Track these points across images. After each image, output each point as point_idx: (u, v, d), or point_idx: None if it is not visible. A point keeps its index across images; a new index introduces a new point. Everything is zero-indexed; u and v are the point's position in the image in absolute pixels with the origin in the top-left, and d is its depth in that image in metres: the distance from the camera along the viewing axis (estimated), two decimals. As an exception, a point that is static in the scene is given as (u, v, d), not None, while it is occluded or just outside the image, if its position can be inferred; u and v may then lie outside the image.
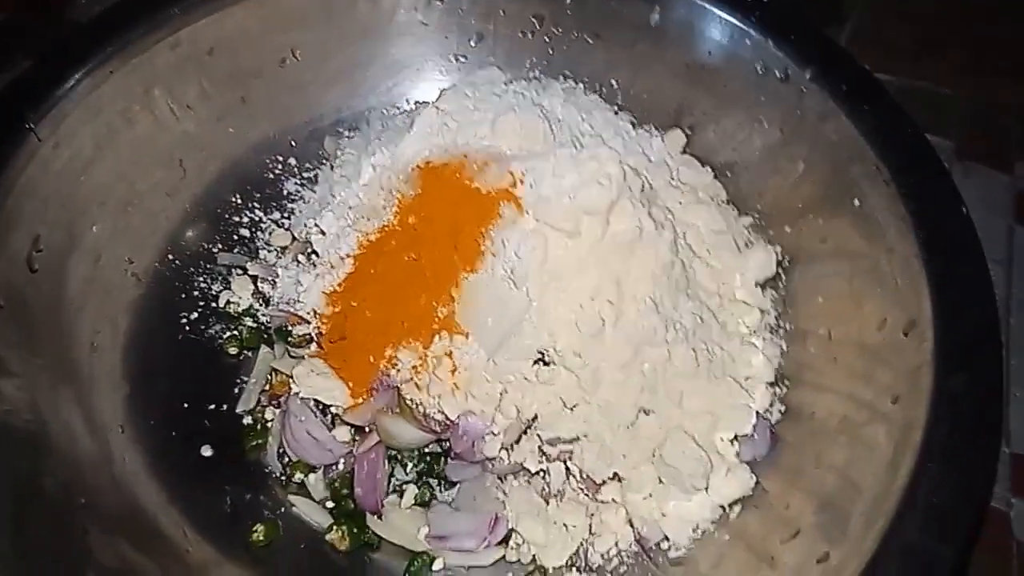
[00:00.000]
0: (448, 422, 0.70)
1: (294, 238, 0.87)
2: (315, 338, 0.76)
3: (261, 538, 0.70)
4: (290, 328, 0.77)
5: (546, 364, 0.68)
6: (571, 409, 0.69)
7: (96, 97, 0.76)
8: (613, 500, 0.70)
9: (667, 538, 0.68)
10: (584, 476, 0.71)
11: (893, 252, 0.66)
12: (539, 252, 0.66)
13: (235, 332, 0.82)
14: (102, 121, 0.77)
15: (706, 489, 0.68)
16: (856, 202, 0.71)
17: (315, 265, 0.79)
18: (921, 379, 0.58)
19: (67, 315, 0.73)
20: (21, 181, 0.70)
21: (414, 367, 0.71)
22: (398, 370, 0.72)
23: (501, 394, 0.70)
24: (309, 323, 0.76)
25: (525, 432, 0.71)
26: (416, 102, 0.94)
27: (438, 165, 0.73)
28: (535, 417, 0.70)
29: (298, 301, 0.77)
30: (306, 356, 0.76)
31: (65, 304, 0.73)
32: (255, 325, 0.83)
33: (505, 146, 0.72)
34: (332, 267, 0.77)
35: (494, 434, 0.70)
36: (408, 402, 0.72)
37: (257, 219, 0.89)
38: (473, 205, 0.70)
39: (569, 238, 0.66)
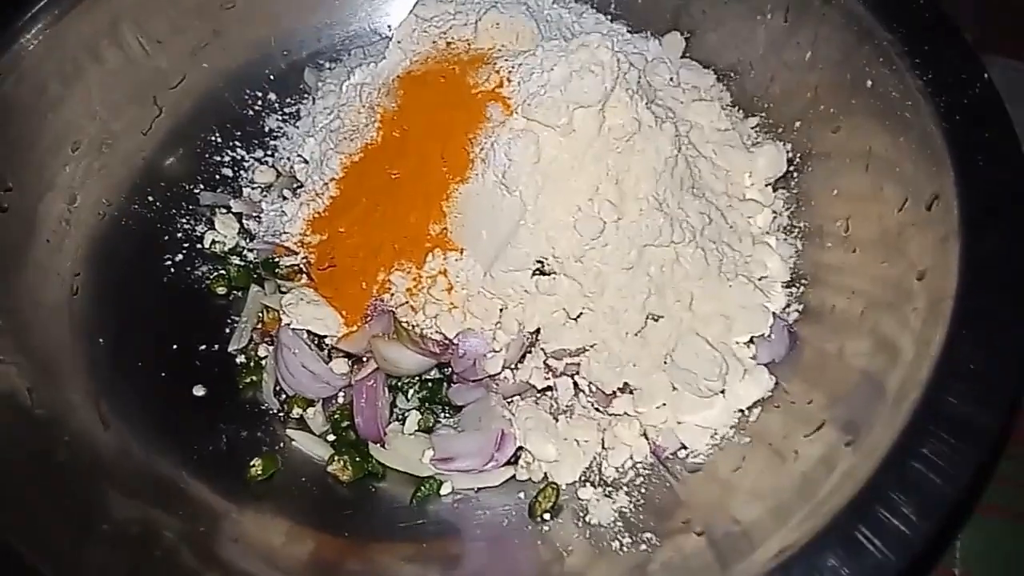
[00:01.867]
0: (447, 342, 0.67)
1: (279, 174, 0.84)
2: (304, 268, 0.73)
3: (260, 472, 0.67)
4: (277, 260, 0.74)
5: (546, 274, 0.65)
6: (575, 319, 0.65)
7: (59, 30, 0.73)
8: (625, 413, 0.67)
9: (684, 446, 0.65)
10: (594, 389, 0.67)
11: (911, 127, 0.61)
12: (531, 152, 0.62)
13: (222, 272, 0.78)
14: (67, 56, 0.74)
15: (723, 393, 0.64)
16: (868, 83, 0.66)
17: (300, 195, 0.75)
18: (948, 250, 0.54)
19: (42, 256, 0.70)
20: (-19, 116, 0.67)
21: (408, 289, 0.68)
22: (392, 294, 0.68)
23: (501, 309, 0.66)
24: (296, 253, 0.73)
25: (529, 349, 0.68)
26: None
27: (419, 73, 0.69)
28: (538, 330, 0.66)
29: (284, 232, 0.74)
30: (296, 287, 0.72)
31: (39, 245, 0.70)
32: (243, 264, 0.79)
33: (489, 46, 0.68)
34: (317, 194, 0.73)
35: (496, 351, 0.66)
36: (404, 326, 0.68)
37: (239, 157, 0.85)
38: (458, 110, 0.66)
39: (562, 135, 0.62)
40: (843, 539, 0.43)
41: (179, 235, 0.80)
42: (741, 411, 0.65)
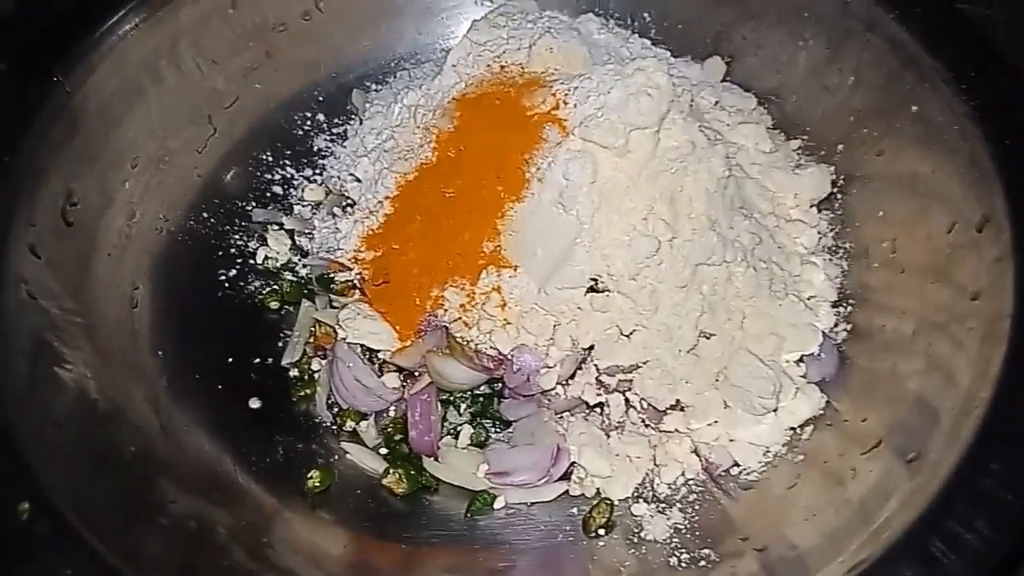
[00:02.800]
0: (501, 357, 0.68)
1: (328, 192, 0.86)
2: (358, 284, 0.75)
3: (317, 484, 0.68)
4: (331, 276, 0.75)
5: (599, 291, 0.66)
6: (628, 336, 0.66)
7: (122, 50, 0.75)
8: (677, 430, 0.68)
9: (736, 464, 0.66)
10: (645, 406, 0.68)
11: (957, 151, 0.63)
12: (588, 173, 0.63)
13: (275, 287, 0.80)
14: (129, 75, 0.76)
15: (775, 411, 0.65)
16: (913, 108, 0.68)
17: (353, 212, 0.77)
18: (1003, 271, 0.55)
19: (104, 270, 0.71)
20: (52, 133, 0.69)
21: (462, 305, 0.69)
22: (445, 309, 0.70)
23: (555, 326, 0.67)
24: (351, 269, 0.74)
25: (582, 365, 0.69)
26: (445, 50, 0.91)
27: (475, 95, 0.71)
28: (591, 347, 0.67)
29: (338, 248, 0.76)
30: (350, 302, 0.74)
31: (101, 258, 0.71)
32: (295, 279, 0.81)
33: (542, 70, 0.70)
34: (371, 212, 0.75)
35: (549, 366, 0.67)
36: (458, 341, 0.69)
37: (289, 176, 0.87)
38: (514, 131, 0.68)
39: (618, 156, 0.64)
40: (918, 553, 0.44)
41: (232, 251, 0.81)
42: (793, 429, 0.66)
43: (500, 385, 0.72)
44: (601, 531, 0.65)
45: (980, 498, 0.45)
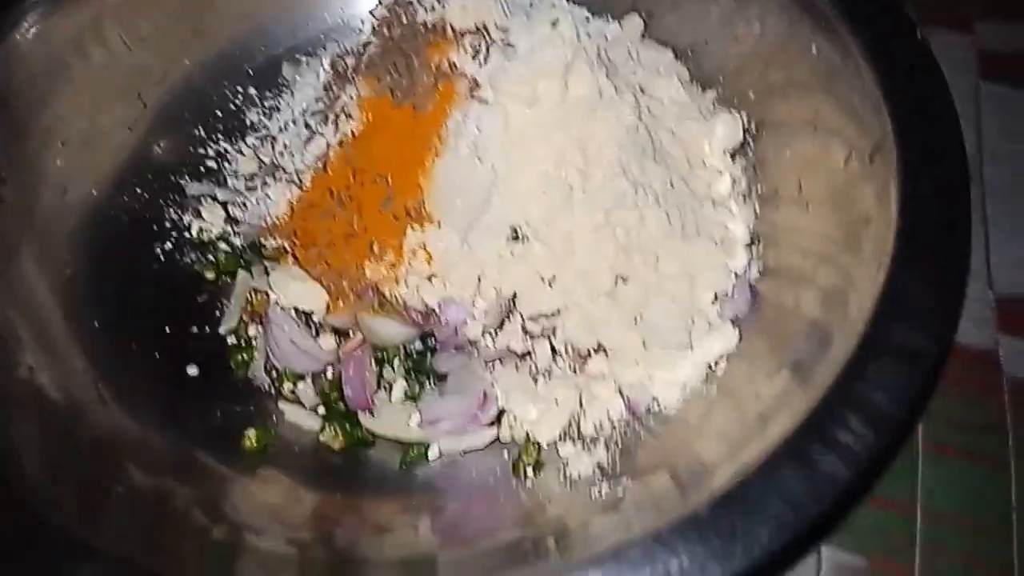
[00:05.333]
0: (429, 311, 0.70)
1: (261, 163, 0.87)
2: (289, 249, 0.76)
3: (253, 443, 0.70)
4: (263, 242, 0.77)
5: (519, 240, 0.68)
6: (549, 283, 0.69)
7: (45, 28, 0.76)
8: (601, 373, 0.70)
9: (656, 401, 0.68)
10: (570, 351, 0.71)
11: (853, 89, 0.66)
12: (499, 123, 0.66)
13: (211, 258, 0.81)
14: (54, 53, 0.77)
15: (691, 348, 0.68)
16: (814, 50, 0.70)
17: (282, 179, 0.78)
18: (889, 194, 0.58)
19: (37, 245, 0.72)
20: (-26, 112, 0.70)
21: (390, 263, 0.71)
22: (375, 268, 0.72)
23: (479, 277, 0.69)
24: (281, 234, 0.76)
25: (508, 316, 0.71)
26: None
27: (393, 57, 0.73)
28: (514, 295, 0.69)
29: (268, 215, 0.77)
30: (281, 266, 0.75)
31: (35, 235, 0.72)
32: (230, 250, 0.82)
33: (458, 27, 0.71)
34: (299, 177, 0.76)
35: (475, 317, 0.69)
36: (387, 298, 0.72)
37: (223, 150, 0.88)
38: (431, 89, 0.70)
39: (528, 106, 0.66)
40: (797, 455, 0.47)
41: (167, 224, 0.82)
42: (709, 365, 0.69)
43: (433, 341, 0.74)
44: (530, 471, 0.67)
45: (856, 402, 0.48)
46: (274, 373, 0.76)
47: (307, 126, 0.76)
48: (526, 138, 0.66)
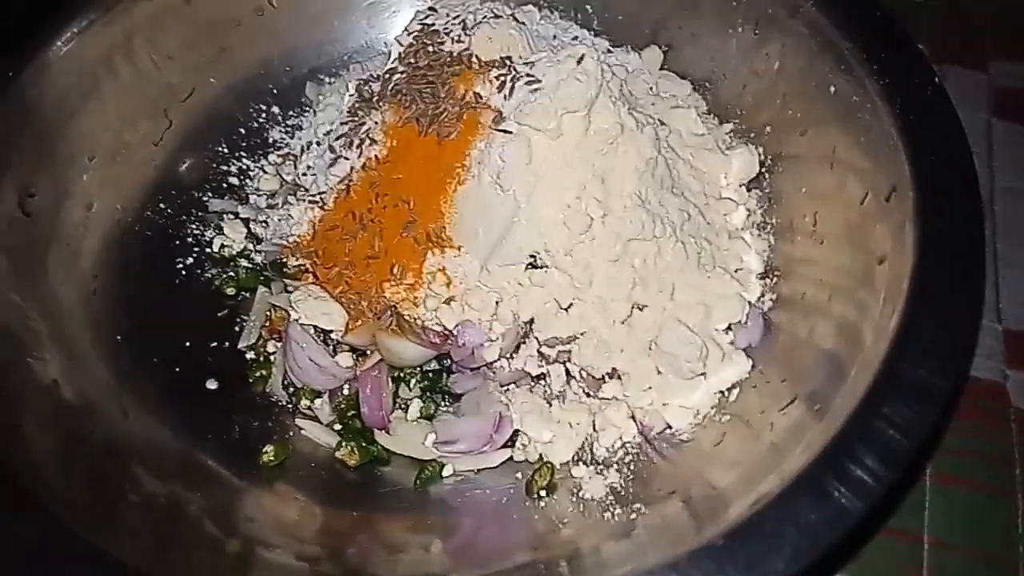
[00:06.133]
0: (447, 333, 0.72)
1: (283, 182, 0.89)
2: (310, 268, 0.77)
3: (272, 459, 0.71)
4: (284, 261, 0.78)
5: (538, 267, 0.70)
6: (566, 309, 0.70)
7: (77, 47, 0.77)
8: (614, 397, 0.71)
9: (669, 426, 0.70)
10: (584, 375, 0.72)
11: (870, 129, 0.67)
12: (523, 154, 0.67)
13: (231, 274, 0.83)
14: (85, 71, 0.78)
15: (704, 376, 0.69)
16: (832, 89, 0.72)
17: (305, 199, 0.80)
18: (906, 234, 0.59)
19: (63, 259, 0.74)
20: (7, 127, 0.71)
21: (409, 285, 0.73)
22: (394, 290, 0.73)
23: (497, 301, 0.71)
24: (303, 254, 0.77)
25: (524, 339, 0.72)
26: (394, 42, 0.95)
27: (418, 85, 0.74)
28: (532, 320, 0.71)
29: (290, 234, 0.78)
30: (302, 285, 0.77)
31: (60, 248, 0.74)
32: (250, 266, 0.83)
33: (484, 58, 0.73)
34: (322, 198, 0.78)
35: (492, 340, 0.71)
36: (406, 319, 0.73)
37: (245, 167, 0.90)
38: (455, 118, 0.71)
39: (552, 139, 0.67)
40: (813, 488, 0.48)
41: (189, 240, 0.84)
42: (721, 392, 0.70)
43: (449, 361, 0.75)
44: (543, 492, 0.68)
45: (871, 438, 0.49)
46: (292, 389, 0.77)
47: (331, 149, 0.77)
48: (549, 169, 0.67)
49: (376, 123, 0.75)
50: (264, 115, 0.92)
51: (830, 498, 0.47)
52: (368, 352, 0.76)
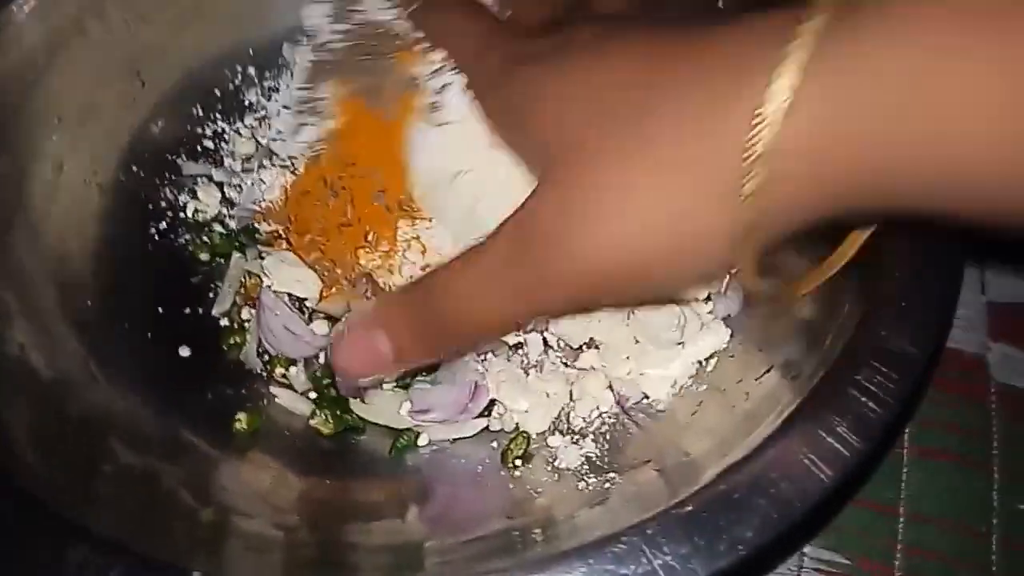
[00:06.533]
0: (423, 301, 0.70)
1: (258, 145, 0.87)
2: (283, 234, 0.76)
3: (244, 427, 0.70)
4: (257, 226, 0.77)
5: (514, 235, 0.68)
6: (543, 277, 0.69)
7: (44, 3, 0.75)
8: (592, 367, 0.71)
9: (646, 396, 0.69)
10: (562, 344, 0.71)
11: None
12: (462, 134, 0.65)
13: (205, 239, 0.81)
14: (52, 28, 0.76)
15: (682, 345, 0.68)
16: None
17: (278, 164, 0.78)
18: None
19: (31, 222, 0.72)
20: (-31, 85, 0.70)
21: (384, 252, 0.71)
22: (369, 256, 0.72)
23: (473, 268, 0.69)
24: (276, 219, 0.76)
25: (500, 307, 0.71)
26: (374, 3, 0.92)
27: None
28: (508, 288, 0.69)
29: (263, 199, 0.77)
30: (276, 251, 0.75)
31: (28, 210, 0.72)
32: (225, 232, 0.82)
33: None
34: (293, 163, 0.76)
35: (469, 308, 0.69)
36: (382, 286, 0.72)
37: (220, 130, 0.88)
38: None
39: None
40: (783, 456, 0.47)
41: (163, 204, 0.82)
42: (699, 362, 0.69)
43: (427, 330, 0.74)
44: (518, 462, 0.68)
45: (844, 406, 0.48)
46: (266, 357, 0.76)
47: (303, 114, 0.75)
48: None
49: (328, 95, 0.73)
50: (240, 76, 0.90)
51: (801, 467, 0.46)
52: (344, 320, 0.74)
